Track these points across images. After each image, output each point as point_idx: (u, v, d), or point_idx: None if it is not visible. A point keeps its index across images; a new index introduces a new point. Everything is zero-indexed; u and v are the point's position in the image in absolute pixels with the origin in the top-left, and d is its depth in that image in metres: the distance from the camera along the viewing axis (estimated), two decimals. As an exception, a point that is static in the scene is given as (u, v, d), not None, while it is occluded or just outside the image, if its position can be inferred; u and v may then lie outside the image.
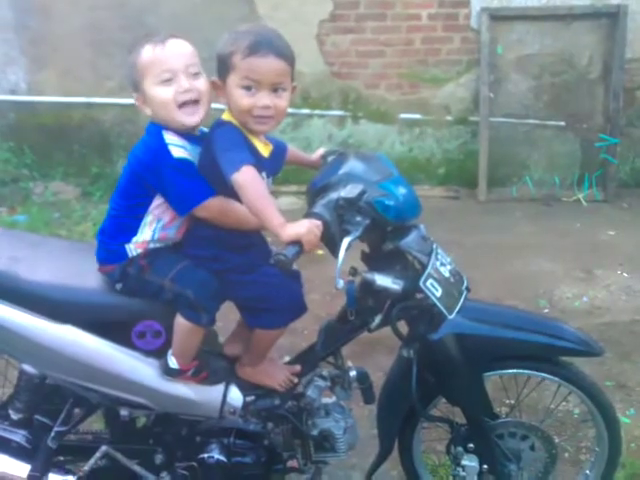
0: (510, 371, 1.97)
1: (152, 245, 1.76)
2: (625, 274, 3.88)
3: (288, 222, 1.50)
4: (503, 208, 5.22)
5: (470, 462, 1.93)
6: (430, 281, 1.71)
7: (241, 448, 1.88)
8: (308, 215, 1.55)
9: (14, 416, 1.89)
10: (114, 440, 1.91)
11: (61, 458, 1.98)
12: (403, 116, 5.60)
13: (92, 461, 1.87)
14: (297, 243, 1.48)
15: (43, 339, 1.75)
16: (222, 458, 1.84)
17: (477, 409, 1.91)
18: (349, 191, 1.60)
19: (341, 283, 1.63)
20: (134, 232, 1.74)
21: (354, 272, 1.80)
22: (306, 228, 1.49)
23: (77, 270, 1.88)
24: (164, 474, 1.91)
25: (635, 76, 5.44)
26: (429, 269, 1.72)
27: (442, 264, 1.77)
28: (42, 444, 1.86)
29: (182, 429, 1.89)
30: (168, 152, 1.67)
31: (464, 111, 5.57)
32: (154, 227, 1.74)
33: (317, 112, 5.61)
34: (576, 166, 5.56)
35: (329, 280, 1.69)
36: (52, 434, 1.85)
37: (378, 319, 1.82)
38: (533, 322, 1.95)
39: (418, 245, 1.73)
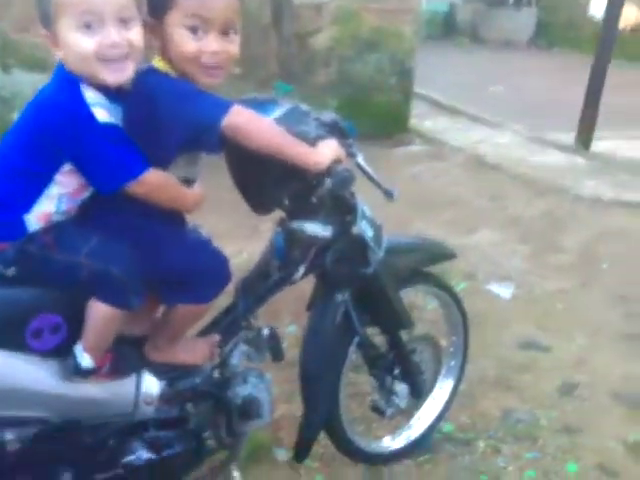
0: (414, 287, 2.16)
1: (56, 217, 1.40)
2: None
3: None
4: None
5: (400, 386, 2.06)
6: (363, 222, 1.75)
7: (166, 439, 1.64)
8: (317, 139, 1.55)
9: None
10: None
11: None
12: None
13: None
14: (337, 162, 1.54)
15: None
16: (151, 455, 1.59)
17: (402, 328, 2.01)
18: (327, 117, 1.67)
19: (396, 192, 1.72)
20: (31, 201, 1.36)
21: (282, 222, 1.74)
22: (335, 146, 1.56)
23: None
24: None
25: (304, 22, 5.47)
26: (360, 210, 1.73)
27: (364, 204, 1.78)
28: None
29: (84, 436, 1.55)
30: (91, 115, 1.32)
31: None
32: (58, 197, 1.39)
33: (-45, 61, 4.71)
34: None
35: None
36: None
37: (302, 269, 1.74)
38: (415, 242, 2.30)
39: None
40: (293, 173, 1.57)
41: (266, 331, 1.78)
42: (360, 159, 1.70)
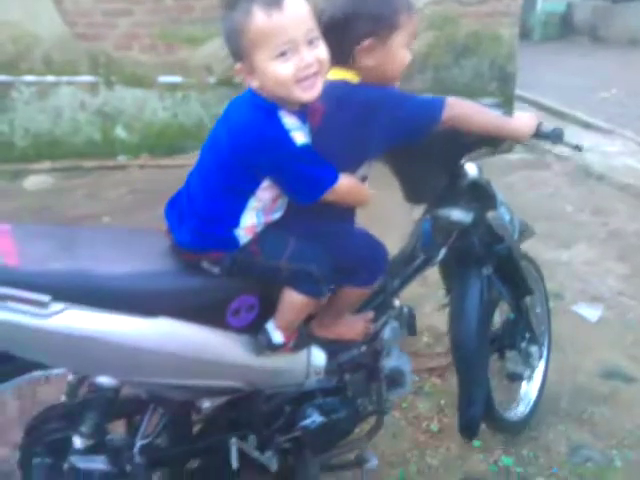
0: None
1: (259, 229, 1.55)
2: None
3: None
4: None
5: (534, 347, 2.30)
6: (502, 208, 1.99)
7: (333, 405, 1.82)
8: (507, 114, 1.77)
9: (80, 445, 1.57)
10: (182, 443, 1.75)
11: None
12: (162, 79, 5.17)
13: (234, 455, 1.70)
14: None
15: (133, 340, 1.46)
16: (323, 419, 1.78)
17: (529, 294, 2.25)
18: (489, 101, 1.90)
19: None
20: (238, 215, 1.51)
21: (429, 210, 1.94)
22: (529, 114, 1.77)
23: (152, 256, 1.60)
24: (268, 453, 1.77)
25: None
26: (498, 197, 1.97)
27: (499, 192, 2.00)
28: (129, 464, 1.62)
29: (266, 404, 1.76)
30: (291, 140, 1.42)
31: (227, 71, 5.22)
32: (258, 211, 1.52)
33: (64, 79, 5.03)
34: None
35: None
36: (136, 450, 1.63)
37: (443, 252, 1.94)
38: None
39: (483, 176, 1.92)
40: (449, 166, 1.87)
41: (405, 309, 1.95)
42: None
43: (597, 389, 2.62)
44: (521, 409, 2.43)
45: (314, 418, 1.78)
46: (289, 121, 1.43)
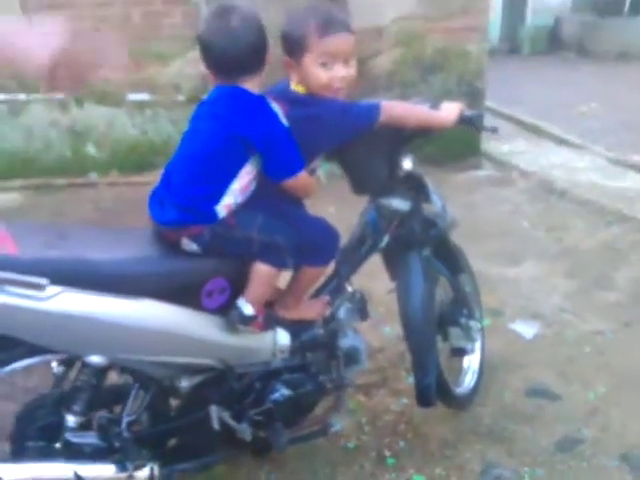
0: None
1: (235, 206, 1.78)
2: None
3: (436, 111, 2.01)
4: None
5: (472, 321, 2.54)
6: (434, 196, 2.21)
7: (298, 380, 2.02)
8: (435, 105, 2.02)
9: (72, 423, 1.75)
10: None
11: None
12: (131, 97, 5.25)
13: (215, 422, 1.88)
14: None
15: (121, 319, 1.63)
16: (290, 393, 1.98)
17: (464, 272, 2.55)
18: (420, 100, 2.14)
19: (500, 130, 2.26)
20: (220, 195, 1.74)
21: (372, 200, 2.18)
22: (454, 104, 2.03)
23: (136, 245, 1.81)
24: (243, 426, 1.94)
25: (364, 46, 5.40)
26: (431, 187, 2.20)
27: (429, 182, 2.22)
28: (117, 440, 1.79)
29: (238, 382, 1.93)
30: (280, 121, 1.74)
31: (195, 90, 5.29)
32: (234, 192, 1.76)
33: (34, 96, 5.12)
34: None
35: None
36: (123, 425, 1.81)
37: (386, 238, 2.17)
38: None
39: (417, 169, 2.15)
40: (389, 159, 2.08)
41: (358, 294, 2.16)
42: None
43: (521, 408, 2.63)
44: (468, 380, 2.64)
45: (282, 392, 1.97)
46: (275, 107, 1.75)
